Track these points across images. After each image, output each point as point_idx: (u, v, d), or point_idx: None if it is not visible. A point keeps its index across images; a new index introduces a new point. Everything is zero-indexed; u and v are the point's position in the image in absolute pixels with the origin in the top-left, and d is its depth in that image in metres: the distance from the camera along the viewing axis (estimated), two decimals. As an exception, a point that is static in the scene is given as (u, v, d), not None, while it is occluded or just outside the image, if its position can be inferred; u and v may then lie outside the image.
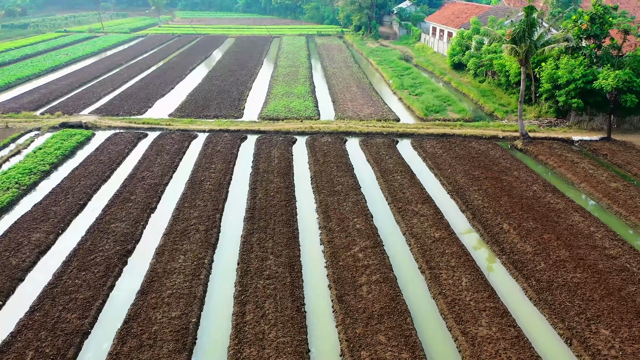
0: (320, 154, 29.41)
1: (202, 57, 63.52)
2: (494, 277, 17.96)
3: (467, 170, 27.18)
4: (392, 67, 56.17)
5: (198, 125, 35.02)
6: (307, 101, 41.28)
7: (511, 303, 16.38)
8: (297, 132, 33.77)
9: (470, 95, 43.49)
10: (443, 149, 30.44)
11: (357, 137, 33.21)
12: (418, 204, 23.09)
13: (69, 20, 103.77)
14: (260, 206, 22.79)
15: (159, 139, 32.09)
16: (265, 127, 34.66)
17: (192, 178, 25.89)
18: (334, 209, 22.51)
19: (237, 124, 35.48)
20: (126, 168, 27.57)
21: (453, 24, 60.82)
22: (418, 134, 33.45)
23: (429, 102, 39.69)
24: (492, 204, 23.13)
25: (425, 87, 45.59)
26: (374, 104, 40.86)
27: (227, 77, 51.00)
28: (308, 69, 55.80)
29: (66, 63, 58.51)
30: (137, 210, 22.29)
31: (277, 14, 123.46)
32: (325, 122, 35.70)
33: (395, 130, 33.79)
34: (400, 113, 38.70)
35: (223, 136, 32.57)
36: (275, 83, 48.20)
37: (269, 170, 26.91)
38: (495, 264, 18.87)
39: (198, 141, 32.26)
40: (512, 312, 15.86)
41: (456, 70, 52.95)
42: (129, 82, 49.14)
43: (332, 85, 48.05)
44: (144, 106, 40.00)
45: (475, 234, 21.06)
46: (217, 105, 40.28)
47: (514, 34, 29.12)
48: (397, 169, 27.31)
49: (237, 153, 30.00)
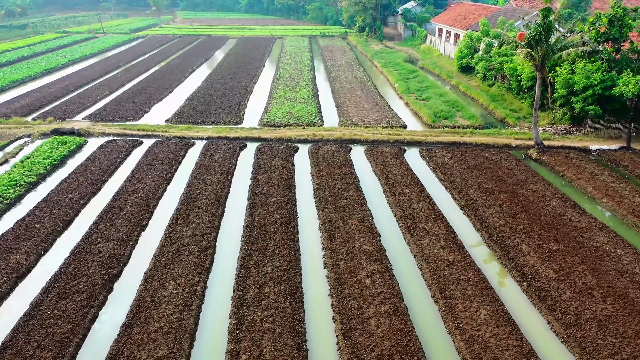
0: (324, 164, 27.80)
1: (202, 59, 61.99)
2: (515, 307, 16.29)
3: (479, 182, 25.51)
4: (398, 69, 54.50)
5: (196, 132, 33.45)
6: (309, 106, 39.68)
7: (536, 340, 14.72)
8: (299, 140, 32.16)
9: (480, 100, 41.81)
10: (453, 159, 28.77)
11: (362, 145, 31.59)
12: (429, 222, 21.44)
13: (68, 20, 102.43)
14: (259, 223, 21.18)
15: (154, 147, 30.52)
16: (265, 134, 33.07)
17: (187, 191, 24.31)
18: (339, 227, 20.89)
19: (236, 130, 33.89)
20: (118, 179, 26.00)
21: (460, 25, 59.12)
22: (426, 142, 31.79)
23: (437, 108, 38.03)
24: (509, 221, 21.47)
25: (433, 91, 43.92)
26: (380, 109, 39.22)
27: (228, 80, 49.43)
28: (311, 71, 54.20)
29: (63, 65, 57.05)
30: (127, 228, 20.70)
31: (280, 14, 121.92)
32: (329, 129, 34.07)
33: (402, 138, 32.14)
34: (407, 119, 37.04)
35: (221, 144, 30.99)
36: (277, 86, 46.62)
37: (269, 183, 25.31)
38: (515, 293, 17.20)
39: (195, 149, 30.68)
40: (538, 351, 14.21)
41: (464, 74, 51.28)
42: (126, 85, 47.61)
43: (336, 88, 46.43)
44: (140, 111, 38.46)
45: (492, 256, 19.40)
46: (217, 110, 38.71)
47: (530, 38, 27.43)
48: (405, 181, 25.66)
49: (236, 163, 28.41)
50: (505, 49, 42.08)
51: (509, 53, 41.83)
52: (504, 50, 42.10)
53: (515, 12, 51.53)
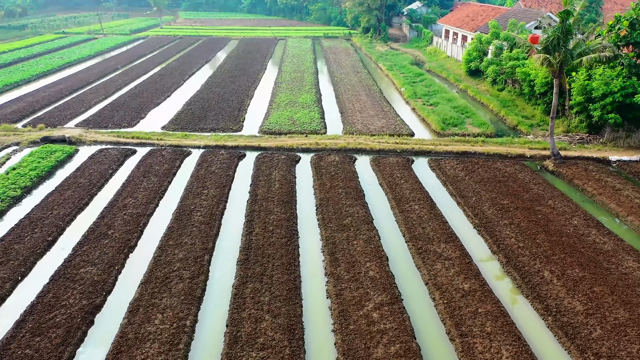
0: (327, 177, 26.14)
1: (202, 61, 60.41)
2: (541, 348, 14.59)
3: (494, 198, 23.80)
4: (404, 72, 52.79)
5: (192, 140, 31.84)
6: (312, 112, 38.02)
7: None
8: (301, 149, 30.51)
9: (490, 105, 40.04)
10: (465, 171, 27.07)
11: (367, 155, 29.91)
12: (441, 243, 19.75)
13: (69, 21, 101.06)
14: (257, 244, 19.53)
15: (148, 156, 28.94)
16: (266, 142, 31.43)
17: (180, 207, 22.69)
18: (343, 249, 19.23)
19: (235, 138, 32.27)
20: (107, 193, 24.41)
21: (468, 27, 57.34)
22: (435, 152, 30.09)
23: (445, 114, 36.30)
24: (528, 243, 19.76)
25: (440, 95, 42.20)
26: (386, 115, 37.52)
27: (228, 83, 47.82)
28: (314, 74, 52.55)
29: (59, 67, 55.55)
30: (113, 250, 19.09)
31: (283, 14, 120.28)
32: (333, 137, 32.40)
33: (410, 148, 30.44)
34: (414, 126, 35.33)
35: (219, 154, 29.37)
36: (279, 90, 44.98)
37: (269, 197, 23.67)
38: (540, 329, 15.49)
39: (191, 159, 29.07)
40: (570, 403, 12.53)
41: (472, 77, 49.54)
42: (123, 89, 46.07)
43: (340, 93, 44.76)
44: (135, 117, 36.88)
45: (512, 284, 17.69)
46: (215, 116, 37.08)
47: (547, 42, 25.69)
48: (414, 196, 23.98)
49: (234, 175, 26.78)
50: (517, 52, 40.44)
51: (521, 57, 40.11)
52: (515, 54, 40.39)
53: (526, 14, 49.74)
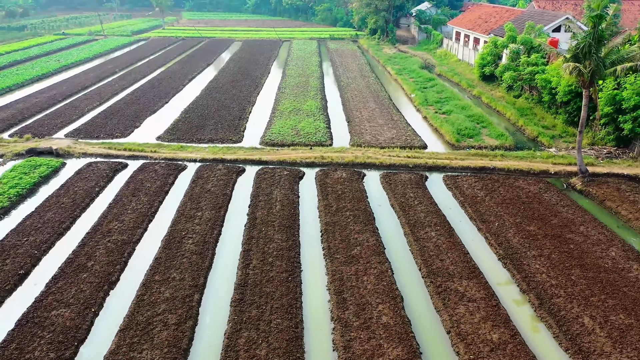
0: (333, 196, 23.83)
1: (204, 64, 58.23)
2: (590, 422, 12.24)
3: (518, 223, 21.41)
4: (413, 77, 50.40)
5: (189, 153, 29.62)
6: (317, 121, 35.72)
7: None
8: (305, 163, 28.23)
9: (507, 114, 37.59)
10: (484, 190, 24.68)
11: (377, 171, 27.60)
12: (462, 280, 17.40)
13: (70, 21, 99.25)
14: (254, 281, 17.26)
15: (139, 171, 26.74)
16: (267, 155, 29.17)
17: (170, 232, 20.45)
18: (351, 287, 16.93)
19: (234, 151, 30.03)
20: (92, 215, 22.21)
21: (481, 29, 54.85)
22: (451, 168, 27.73)
23: (460, 124, 33.90)
24: (562, 280, 17.38)
25: (453, 103, 39.80)
26: (396, 124, 35.16)
27: (229, 88, 45.60)
28: (319, 78, 50.24)
29: (55, 71, 53.51)
30: (92, 287, 16.87)
31: (288, 15, 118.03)
32: (339, 150, 30.08)
33: (423, 162, 28.08)
34: (426, 137, 32.94)
35: (216, 169, 27.14)
36: (282, 96, 42.72)
37: (269, 221, 21.39)
38: (585, 394, 13.14)
39: (186, 175, 26.86)
40: None
41: (486, 82, 47.08)
42: (119, 94, 43.96)
43: (347, 99, 42.44)
44: (130, 126, 34.71)
45: (548, 334, 15.30)
46: (214, 125, 34.84)
47: (577, 50, 23.26)
48: (429, 220, 21.62)
49: (231, 194, 24.53)
50: (535, 57, 37.98)
51: (540, 62, 37.65)
52: (533, 59, 37.91)
53: (543, 16, 47.19)
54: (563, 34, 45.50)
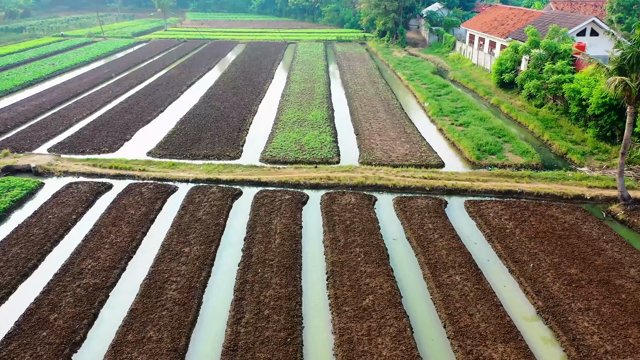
0: (341, 227, 20.88)
1: (204, 69, 55.41)
2: None
3: (557, 263, 18.37)
4: (426, 83, 47.33)
5: (181, 172, 26.79)
6: (323, 133, 32.78)
7: None
8: (310, 185, 25.31)
9: (530, 126, 34.46)
10: (513, 220, 21.63)
11: (390, 194, 24.64)
12: (497, 342, 14.40)
13: (70, 22, 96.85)
14: (246, 343, 14.35)
15: (124, 194, 23.94)
16: (267, 175, 26.27)
17: (151, 275, 17.59)
18: (364, 352, 13.97)
19: (232, 169, 27.15)
20: (64, 250, 19.41)
21: (497, 32, 51.66)
22: (473, 191, 24.71)
23: (480, 138, 30.85)
24: (618, 344, 14.34)
25: (471, 113, 36.72)
26: (409, 138, 32.14)
27: (230, 96, 42.76)
28: (326, 84, 47.29)
29: (48, 76, 50.93)
30: (50, 352, 14.00)
31: (294, 16, 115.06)
32: (347, 169, 27.12)
33: (441, 185, 25.06)
34: (443, 153, 29.92)
35: (210, 191, 24.27)
36: (286, 105, 39.83)
37: (266, 260, 18.48)
38: None
39: (176, 198, 24.02)
40: None
41: (504, 90, 43.95)
42: (111, 102, 41.25)
43: (355, 108, 39.46)
44: (119, 139, 31.93)
45: None
46: (211, 138, 31.99)
47: (623, 62, 20.18)
48: (453, 259, 18.63)
49: (225, 223, 21.64)
50: (561, 64, 34.84)
51: (566, 70, 34.50)
52: (559, 67, 34.76)
53: (566, 19, 43.96)
54: (588, 37, 42.32)
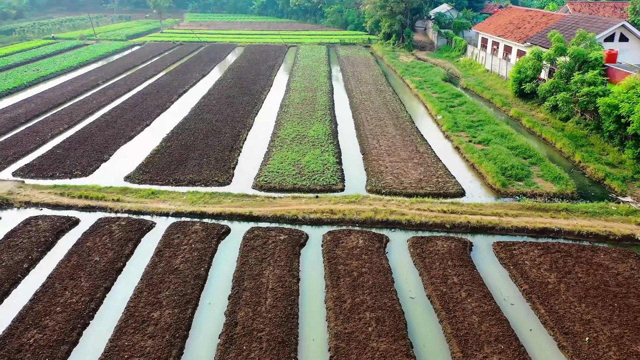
0: (347, 282, 17.20)
1: (198, 75, 51.77)
2: None
3: (618, 336, 14.64)
4: (437, 92, 43.63)
5: (161, 202, 23.14)
6: (326, 152, 29.10)
7: None
8: (309, 220, 21.63)
9: (557, 144, 30.69)
10: (555, 271, 17.88)
11: (404, 232, 20.94)
12: None
13: (63, 24, 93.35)
14: None
15: (91, 233, 20.31)
16: (261, 208, 22.59)
17: (108, 354, 13.91)
18: None
19: (219, 199, 23.49)
20: (4, 317, 15.73)
21: (513, 36, 47.86)
22: (502, 229, 20.97)
23: (503, 160, 27.12)
24: None
25: (489, 128, 33.00)
26: (422, 159, 28.42)
27: (223, 107, 39.11)
28: (328, 94, 43.61)
29: (30, 83, 47.40)
30: None
31: (296, 17, 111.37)
32: (354, 199, 23.39)
33: (464, 221, 21.31)
34: (462, 177, 26.21)
35: (192, 229, 20.61)
36: (285, 118, 36.16)
37: (254, 331, 14.80)
38: None
39: (151, 238, 20.37)
40: None
41: (523, 100, 40.19)
42: (94, 114, 37.66)
43: (361, 122, 35.75)
44: (96, 160, 28.32)
45: None
46: (199, 159, 28.33)
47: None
48: (486, 330, 14.91)
49: (207, 274, 17.96)
50: (593, 75, 31.04)
51: (599, 81, 30.73)
52: (590, 77, 30.96)
53: (591, 22, 40.07)
54: (617, 43, 38.50)
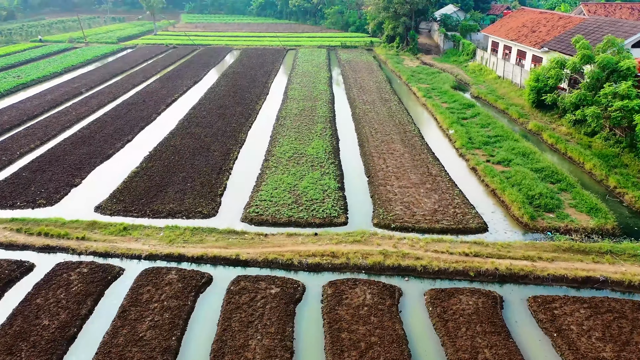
0: (352, 356, 13.76)
1: (190, 82, 48.38)
2: None
3: None
4: (446, 101, 40.26)
5: (133, 241, 19.74)
6: (326, 175, 25.72)
7: None
8: (307, 266, 18.25)
9: (585, 163, 27.29)
10: (610, 340, 14.47)
11: (419, 281, 17.56)
12: None
13: (53, 26, 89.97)
14: None
15: (44, 285, 16.95)
16: (250, 249, 19.19)
17: None
18: None
19: (202, 236, 20.10)
20: None
21: (528, 40, 44.45)
22: (536, 277, 17.57)
23: (529, 186, 23.72)
24: None
25: (508, 145, 29.62)
26: (436, 183, 25.01)
27: (214, 119, 35.72)
28: (329, 103, 40.23)
29: (7, 92, 44.11)
30: None
31: (295, 18, 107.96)
32: (359, 237, 19.96)
33: (490, 268, 17.89)
34: (483, 207, 22.80)
35: (167, 279, 17.23)
36: (281, 132, 32.79)
37: None
38: None
39: (116, 291, 16.97)
40: None
41: (541, 111, 36.81)
42: (71, 128, 34.35)
43: (365, 137, 32.36)
44: (65, 185, 24.95)
45: None
46: (182, 184, 24.93)
47: None
48: None
49: (179, 346, 14.54)
50: (626, 87, 27.61)
51: (633, 94, 27.31)
52: (623, 90, 27.53)
53: (616, 26, 36.60)
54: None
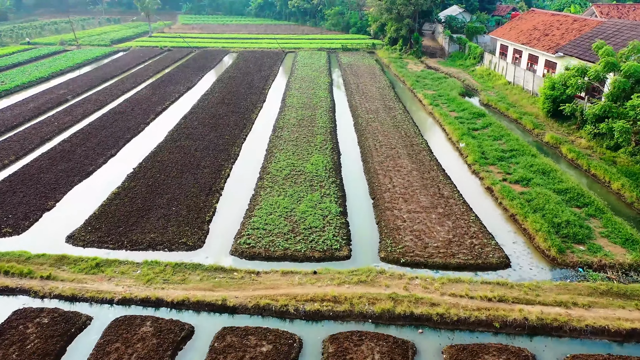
0: None
1: (183, 88, 45.82)
2: None
3: None
4: (455, 110, 37.72)
5: (106, 280, 17.20)
6: (326, 198, 23.18)
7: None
8: (305, 314, 15.69)
9: (612, 183, 24.78)
10: (669, 418, 11.93)
11: (436, 335, 15.00)
12: None
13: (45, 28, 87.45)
14: None
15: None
16: (239, 291, 16.65)
17: None
18: None
19: (185, 274, 17.56)
20: None
21: (540, 44, 41.87)
22: (572, 329, 15.01)
23: (554, 212, 21.17)
24: None
25: (526, 161, 27.11)
26: (449, 207, 22.43)
27: (206, 131, 33.17)
28: (329, 112, 37.69)
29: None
30: None
31: (295, 19, 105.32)
32: (364, 278, 17.37)
33: (518, 317, 15.32)
34: (502, 235, 20.28)
35: (140, 331, 14.69)
36: (278, 145, 30.26)
37: None
38: None
39: (79, 349, 14.43)
40: None
41: (556, 121, 34.31)
42: (50, 141, 31.83)
43: (368, 150, 29.82)
44: (37, 209, 22.40)
45: None
46: (166, 208, 22.35)
47: None
48: None
49: None
50: (657, 97, 25.06)
51: (666, 106, 24.79)
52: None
53: (638, 30, 33.94)
54: (671, 56, 32.44)
